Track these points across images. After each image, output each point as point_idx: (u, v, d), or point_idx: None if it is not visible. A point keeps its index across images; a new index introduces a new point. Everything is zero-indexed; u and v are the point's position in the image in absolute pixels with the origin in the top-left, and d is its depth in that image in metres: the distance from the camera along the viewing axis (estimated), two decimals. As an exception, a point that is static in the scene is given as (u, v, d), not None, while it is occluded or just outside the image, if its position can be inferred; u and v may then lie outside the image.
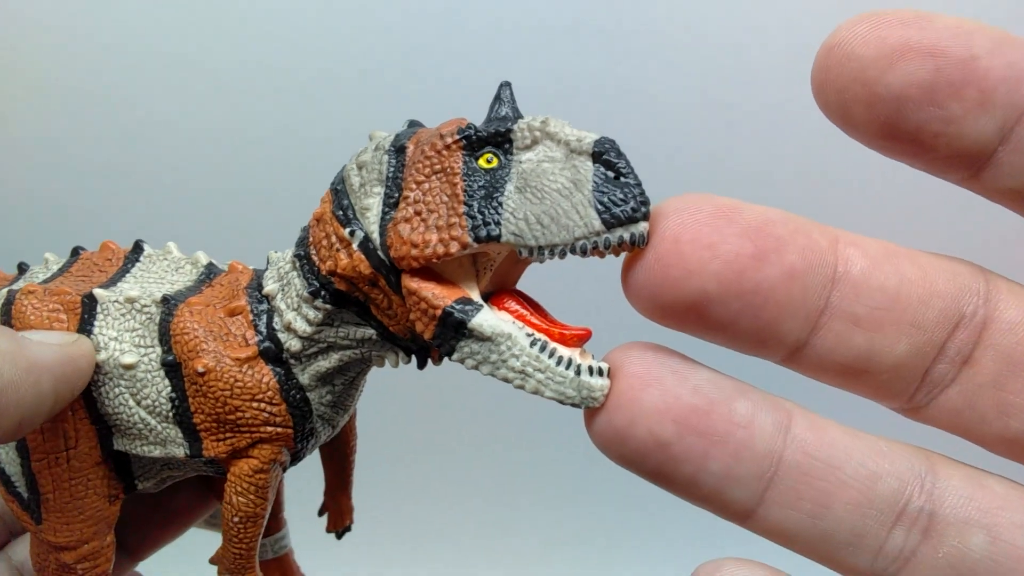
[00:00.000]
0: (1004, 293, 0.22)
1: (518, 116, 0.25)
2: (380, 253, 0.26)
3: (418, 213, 0.25)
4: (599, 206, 0.23)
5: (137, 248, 0.34)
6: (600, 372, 0.23)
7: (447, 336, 0.25)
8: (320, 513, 0.40)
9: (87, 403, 0.31)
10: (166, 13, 0.70)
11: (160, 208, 0.71)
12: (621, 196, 0.23)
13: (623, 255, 0.24)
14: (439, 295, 0.25)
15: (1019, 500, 0.22)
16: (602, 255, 0.23)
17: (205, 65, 0.70)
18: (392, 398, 0.65)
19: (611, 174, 0.23)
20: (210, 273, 0.33)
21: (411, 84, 0.69)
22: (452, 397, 0.75)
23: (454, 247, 0.24)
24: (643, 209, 0.23)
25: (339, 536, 0.40)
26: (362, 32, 0.70)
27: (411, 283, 0.25)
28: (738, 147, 0.66)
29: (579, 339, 0.25)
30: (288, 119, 0.71)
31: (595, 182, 0.23)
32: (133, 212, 0.71)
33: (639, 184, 0.23)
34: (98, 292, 0.31)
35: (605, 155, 0.23)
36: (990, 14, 0.62)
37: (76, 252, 0.35)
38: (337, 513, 0.39)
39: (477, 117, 0.28)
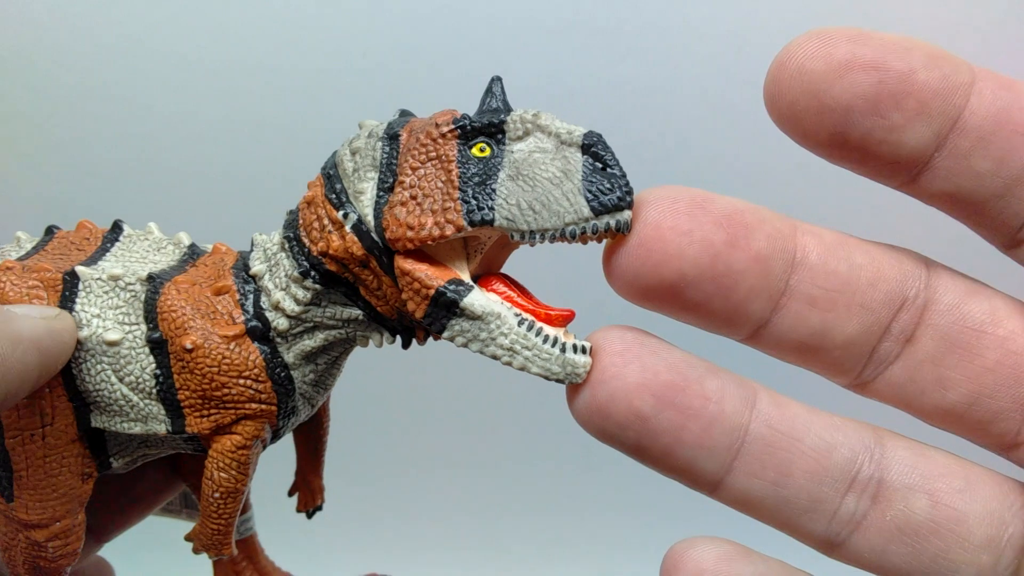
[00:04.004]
0: (943, 278, 0.25)
1: (508, 109, 0.27)
2: (374, 235, 0.27)
3: (414, 197, 0.26)
4: (588, 194, 0.25)
5: (116, 228, 0.34)
6: (583, 350, 0.25)
7: (439, 315, 0.26)
8: (290, 493, 0.40)
9: (65, 380, 0.31)
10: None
11: (135, 191, 0.70)
12: (608, 186, 0.25)
13: (604, 242, 0.26)
14: (432, 276, 0.26)
15: (958, 469, 0.25)
16: (587, 241, 0.25)
17: (185, 48, 0.69)
18: (368, 378, 0.65)
19: (599, 165, 0.25)
20: (193, 253, 0.33)
21: (389, 75, 0.70)
22: (431, 379, 0.76)
23: (449, 230, 0.26)
24: (628, 198, 0.24)
25: (309, 516, 0.40)
26: (349, 20, 0.70)
27: (405, 264, 0.27)
28: (708, 142, 0.69)
29: (563, 319, 0.27)
30: (266, 109, 0.70)
31: (584, 172, 0.25)
32: (104, 194, 0.70)
33: (624, 175, 0.25)
34: (80, 269, 0.31)
35: (593, 147, 0.25)
36: (989, 15, 0.66)
37: (50, 231, 0.35)
38: (308, 493, 0.40)
39: (463, 108, 0.29)
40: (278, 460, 0.41)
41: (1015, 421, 0.24)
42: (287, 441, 0.39)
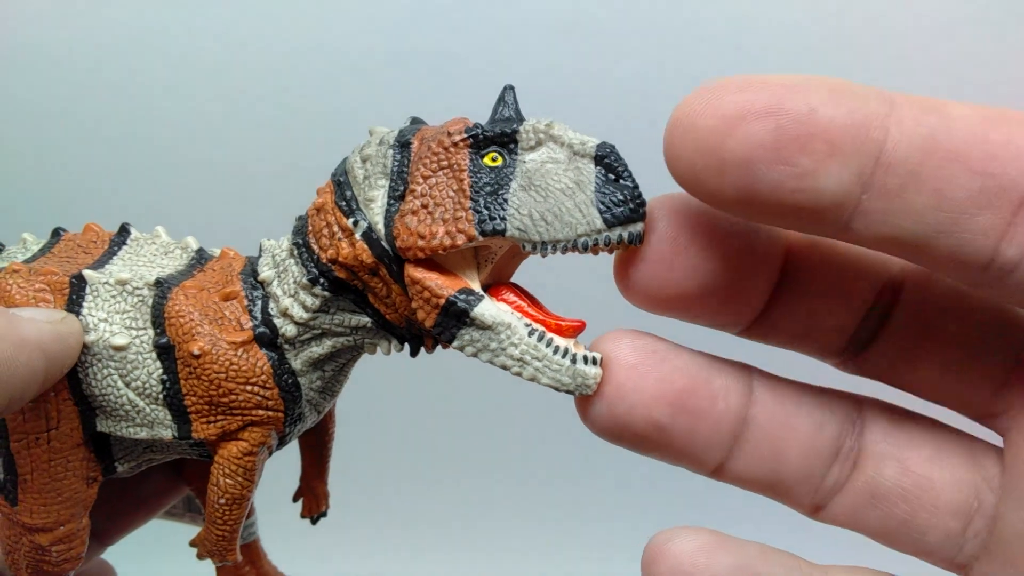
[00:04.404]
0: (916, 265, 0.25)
1: (521, 118, 0.27)
2: (384, 243, 0.27)
3: (425, 206, 0.26)
4: (600, 206, 0.24)
5: (123, 231, 0.34)
6: (594, 361, 0.25)
7: (449, 324, 0.26)
8: (295, 499, 0.40)
9: (71, 384, 0.31)
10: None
11: (142, 194, 0.70)
12: (621, 197, 0.24)
13: (611, 254, 0.25)
14: (443, 285, 0.26)
15: (932, 438, 0.26)
16: (598, 252, 0.25)
17: (195, 51, 0.70)
18: (372, 385, 0.65)
19: (611, 176, 0.25)
20: (201, 258, 0.33)
21: (399, 79, 0.70)
22: (435, 386, 0.76)
23: (460, 239, 0.26)
24: (640, 210, 0.24)
25: (314, 522, 0.40)
26: (360, 25, 0.70)
27: (415, 273, 0.26)
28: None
29: (574, 330, 0.26)
30: (275, 113, 0.70)
31: (597, 183, 0.25)
32: (111, 196, 0.70)
33: (636, 187, 0.25)
34: (87, 273, 0.31)
35: (606, 159, 0.25)
36: (988, 15, 0.65)
37: (57, 233, 0.35)
38: (312, 499, 0.40)
39: (471, 109, 0.29)
40: (283, 466, 0.41)
41: (986, 390, 0.25)
42: (292, 447, 0.39)
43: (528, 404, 0.73)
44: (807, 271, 0.25)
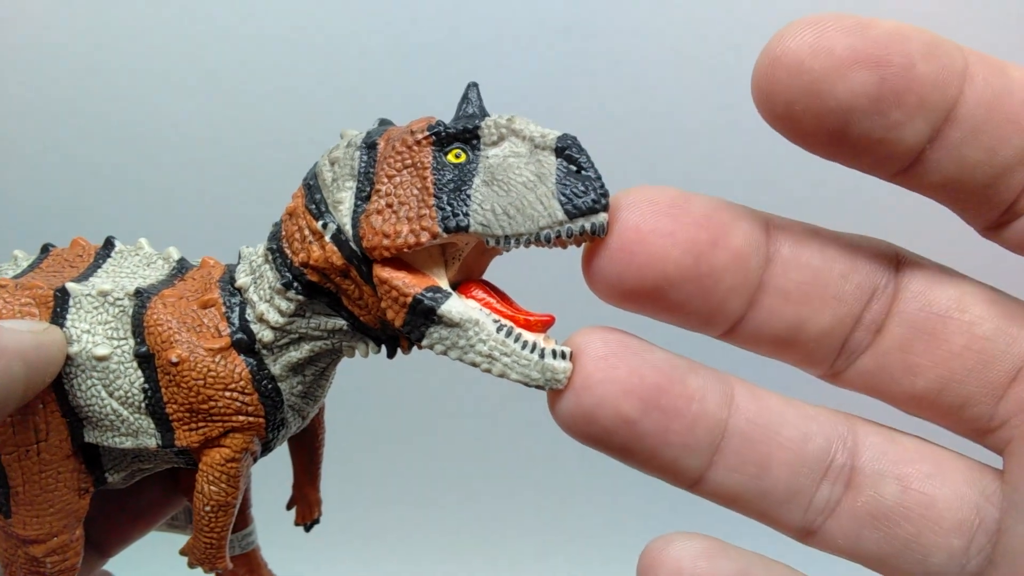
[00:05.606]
0: (912, 267, 0.24)
1: (484, 114, 0.27)
2: (352, 244, 0.27)
3: (389, 205, 0.26)
4: (562, 197, 0.24)
5: (108, 244, 0.35)
6: (563, 355, 0.25)
7: (417, 323, 0.26)
8: (288, 507, 0.40)
9: (58, 396, 0.31)
10: (138, 7, 0.70)
11: (129, 207, 0.72)
12: (582, 188, 0.24)
13: (580, 247, 0.25)
14: (410, 283, 0.26)
15: (928, 454, 0.25)
16: (564, 245, 0.25)
17: (175, 65, 0.71)
18: (362, 391, 0.66)
19: (573, 168, 0.25)
20: (182, 268, 0.33)
21: (382, 84, 0.70)
22: (422, 389, 0.76)
23: (424, 237, 0.25)
24: (603, 201, 0.24)
25: (307, 529, 0.40)
26: (338, 32, 0.71)
27: (382, 272, 0.26)
28: (688, 139, 0.69)
29: (543, 325, 0.26)
30: (256, 120, 0.71)
31: (558, 175, 0.25)
32: (101, 211, 0.71)
33: (599, 177, 0.24)
34: (70, 286, 0.31)
35: (567, 150, 0.25)
36: (986, 13, 0.65)
37: (46, 249, 0.35)
38: (305, 506, 0.40)
39: (446, 116, 0.29)
40: (278, 473, 0.41)
41: (987, 406, 0.24)
42: (285, 457, 0.39)
43: (527, 404, 0.73)
44: (793, 270, 0.24)
